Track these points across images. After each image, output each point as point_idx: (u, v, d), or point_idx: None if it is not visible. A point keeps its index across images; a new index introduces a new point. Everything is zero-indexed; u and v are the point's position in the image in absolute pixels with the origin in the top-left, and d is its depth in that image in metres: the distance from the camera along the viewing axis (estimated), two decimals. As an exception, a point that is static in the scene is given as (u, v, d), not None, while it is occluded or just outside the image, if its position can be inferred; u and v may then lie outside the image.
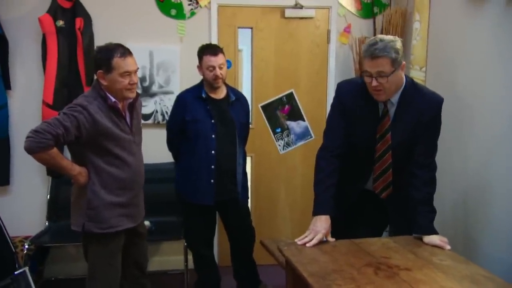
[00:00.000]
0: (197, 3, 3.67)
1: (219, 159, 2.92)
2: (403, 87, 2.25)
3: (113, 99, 2.41)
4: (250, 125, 3.30)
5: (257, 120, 3.88)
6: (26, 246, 3.19)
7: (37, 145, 2.22)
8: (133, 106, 2.54)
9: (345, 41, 3.86)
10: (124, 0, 3.61)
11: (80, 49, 3.49)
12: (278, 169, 3.95)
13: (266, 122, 3.91)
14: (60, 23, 3.48)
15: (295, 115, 3.93)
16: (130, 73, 2.40)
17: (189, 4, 3.67)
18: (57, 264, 3.70)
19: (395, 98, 2.25)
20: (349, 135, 2.37)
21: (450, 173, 2.97)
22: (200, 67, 2.97)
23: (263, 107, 3.89)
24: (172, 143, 3.10)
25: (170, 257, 3.80)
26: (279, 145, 3.94)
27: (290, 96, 3.90)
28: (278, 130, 3.93)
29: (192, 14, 3.69)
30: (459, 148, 2.91)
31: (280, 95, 3.90)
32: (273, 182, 3.97)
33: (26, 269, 1.72)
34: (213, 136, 2.90)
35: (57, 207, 3.52)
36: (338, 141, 2.36)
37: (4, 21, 3.48)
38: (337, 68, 3.89)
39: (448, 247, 2.16)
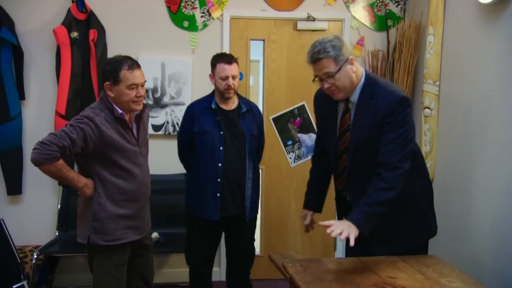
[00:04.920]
0: (210, 15, 3.69)
1: (226, 172, 2.87)
2: (362, 83, 2.17)
3: (120, 111, 2.41)
4: (265, 137, 3.22)
5: (268, 132, 3.84)
6: (35, 256, 3.20)
7: (43, 157, 2.23)
8: (140, 118, 2.54)
9: (358, 54, 3.82)
10: (137, 12, 3.64)
11: (94, 61, 3.53)
12: (289, 182, 3.92)
13: (277, 134, 3.89)
14: (75, 34, 3.53)
15: (307, 127, 3.90)
16: (137, 85, 2.40)
17: (202, 16, 3.69)
18: (66, 274, 3.70)
19: (354, 97, 2.18)
20: (322, 137, 2.46)
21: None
22: (212, 75, 2.92)
23: (274, 119, 3.87)
24: (182, 155, 3.07)
25: (178, 269, 3.77)
26: (290, 158, 3.91)
27: (301, 109, 3.87)
28: (289, 142, 3.90)
29: (205, 26, 3.70)
30: (470, 161, 2.84)
31: (292, 108, 3.88)
32: (283, 195, 3.94)
33: (25, 282, 1.70)
34: (221, 148, 2.86)
35: (67, 217, 3.53)
36: (318, 147, 2.54)
37: (20, 33, 3.54)
38: (350, 81, 3.84)
39: (328, 231, 1.96)
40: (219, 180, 2.87)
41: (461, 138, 2.97)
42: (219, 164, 2.86)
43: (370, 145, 2.15)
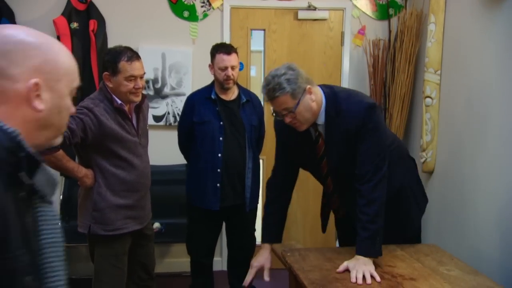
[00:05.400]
0: (210, 5, 3.67)
1: (226, 162, 2.88)
2: (324, 105, 2.07)
3: (119, 101, 2.41)
4: (265, 128, 3.21)
5: (269, 123, 3.83)
6: None
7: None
8: (140, 108, 2.54)
9: (359, 43, 3.81)
10: (137, 2, 3.63)
11: (94, 51, 3.52)
12: (290, 172, 3.91)
13: (278, 124, 3.87)
14: (75, 25, 3.52)
15: (308, 117, 3.87)
16: (136, 77, 2.39)
17: (202, 6, 3.68)
18: (69, 264, 3.70)
19: (321, 119, 2.09)
20: (294, 161, 2.32)
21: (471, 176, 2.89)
22: (211, 66, 2.93)
23: (275, 109, 3.85)
24: (183, 145, 3.08)
25: (180, 259, 3.78)
26: (292, 148, 3.89)
27: (303, 99, 3.85)
28: (291, 132, 3.88)
29: (205, 16, 3.69)
30: (471, 150, 2.83)
31: (293, 98, 3.85)
32: (285, 185, 3.93)
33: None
34: (220, 138, 2.86)
35: (69, 208, 3.52)
36: (279, 171, 2.36)
37: (20, 23, 3.52)
38: (351, 70, 3.84)
39: (353, 280, 1.91)
40: (219, 170, 2.87)
41: (462, 127, 2.96)
42: (219, 155, 2.87)
43: (348, 165, 2.09)
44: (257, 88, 3.82)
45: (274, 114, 2.12)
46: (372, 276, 1.93)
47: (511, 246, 2.46)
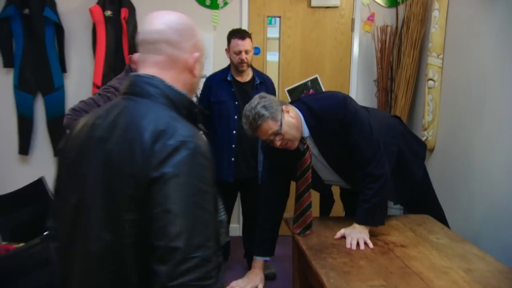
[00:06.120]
0: (230, -7, 3.62)
1: (240, 139, 2.88)
2: (303, 119, 2.01)
3: (143, 82, 2.42)
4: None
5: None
6: None
7: (73, 122, 2.28)
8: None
9: (368, 29, 3.70)
10: (163, -9, 3.61)
11: (125, 37, 3.54)
12: (302, 148, 3.88)
13: (292, 104, 3.84)
14: (108, 13, 3.53)
15: (319, 98, 3.82)
16: None
17: (223, -5, 3.63)
18: None
19: (306, 133, 2.02)
20: (286, 177, 2.25)
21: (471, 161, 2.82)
22: (228, 50, 2.92)
23: (289, 91, 3.82)
24: None
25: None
26: (304, 126, 3.87)
27: (314, 81, 3.80)
28: (303, 112, 3.85)
29: (225, 4, 3.64)
30: (470, 130, 2.75)
31: (305, 80, 3.81)
32: (297, 160, 3.91)
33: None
34: (235, 117, 2.86)
35: None
36: (272, 191, 2.26)
37: (61, 12, 3.57)
38: (360, 55, 3.75)
39: (348, 245, 1.91)
40: (233, 146, 2.89)
41: (461, 108, 2.88)
42: (234, 132, 2.87)
43: (349, 152, 2.04)
44: (274, 72, 3.80)
45: (262, 145, 2.11)
46: (366, 243, 1.92)
47: (503, 217, 2.41)
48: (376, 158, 1.99)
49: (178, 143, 1.00)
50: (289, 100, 3.80)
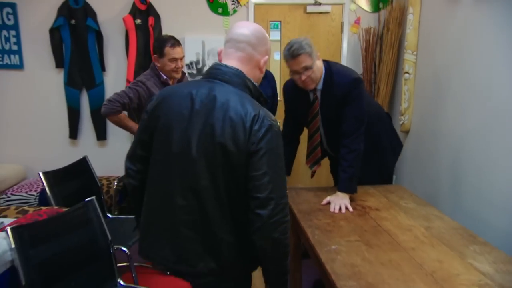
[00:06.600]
0: (238, 2, 3.60)
1: None
2: (324, 74, 2.05)
3: (165, 77, 2.45)
4: (278, 98, 3.20)
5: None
6: (115, 183, 3.35)
7: (109, 111, 2.32)
8: (181, 82, 2.57)
9: (355, 31, 3.66)
10: (183, 2, 3.61)
11: (152, 41, 3.55)
12: (300, 132, 3.89)
13: (291, 95, 3.83)
14: (138, 21, 3.54)
15: (314, 90, 3.80)
16: (177, 59, 2.41)
17: (232, 4, 3.61)
18: None
19: (320, 85, 2.06)
20: (296, 119, 2.29)
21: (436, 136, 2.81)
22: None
23: (289, 84, 3.81)
24: None
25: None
26: (301, 113, 3.87)
27: (310, 75, 3.78)
28: (301, 101, 3.85)
29: (234, 11, 3.63)
30: (438, 114, 2.74)
31: (302, 75, 3.79)
32: (296, 141, 3.92)
33: (93, 198, 1.82)
34: None
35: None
36: (287, 128, 2.35)
37: (100, 21, 3.59)
38: (348, 52, 3.71)
39: (332, 210, 1.93)
40: None
41: (431, 96, 2.86)
42: None
43: (339, 118, 2.07)
44: (276, 68, 3.78)
45: (285, 87, 2.16)
46: (346, 208, 1.95)
47: (462, 182, 2.41)
48: (354, 134, 2.02)
49: (268, 126, 1.16)
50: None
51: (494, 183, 2.12)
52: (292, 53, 1.93)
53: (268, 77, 3.02)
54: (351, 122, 2.02)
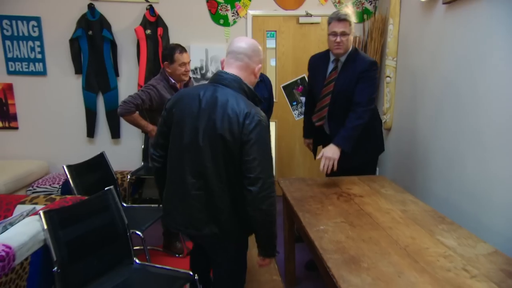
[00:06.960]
0: (238, 14, 3.67)
1: None
2: (350, 50, 2.21)
3: (173, 81, 2.52)
4: (274, 99, 3.26)
5: (280, 96, 3.89)
6: (129, 177, 3.36)
7: (125, 111, 2.39)
8: (187, 85, 2.64)
9: (342, 39, 3.72)
10: (189, 14, 3.65)
11: (161, 49, 3.60)
12: (294, 131, 3.95)
13: (286, 97, 3.90)
14: (148, 31, 3.58)
15: (306, 92, 3.83)
16: (185, 63, 2.48)
17: (232, 15, 3.67)
18: (150, 189, 3.84)
19: (343, 58, 2.21)
20: (313, 96, 2.39)
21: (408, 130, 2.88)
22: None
23: (283, 87, 3.89)
24: None
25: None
26: (295, 114, 3.94)
27: (303, 79, 3.87)
28: (294, 103, 3.92)
29: (234, 22, 3.69)
30: (415, 113, 2.81)
31: (296, 78, 3.87)
32: (291, 139, 3.98)
33: (112, 187, 1.89)
34: None
35: (148, 152, 3.60)
36: (308, 105, 2.56)
37: (114, 32, 3.62)
38: (336, 59, 3.77)
39: (321, 166, 2.05)
40: None
41: (409, 97, 2.94)
42: None
43: (348, 92, 2.19)
44: (272, 73, 3.86)
45: (311, 61, 2.36)
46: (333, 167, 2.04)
47: (435, 172, 2.49)
48: (366, 107, 2.13)
49: (257, 121, 1.33)
50: (285, 95, 3.88)
51: (462, 172, 2.20)
52: (339, 16, 2.11)
53: (265, 81, 3.09)
54: (364, 96, 2.14)
